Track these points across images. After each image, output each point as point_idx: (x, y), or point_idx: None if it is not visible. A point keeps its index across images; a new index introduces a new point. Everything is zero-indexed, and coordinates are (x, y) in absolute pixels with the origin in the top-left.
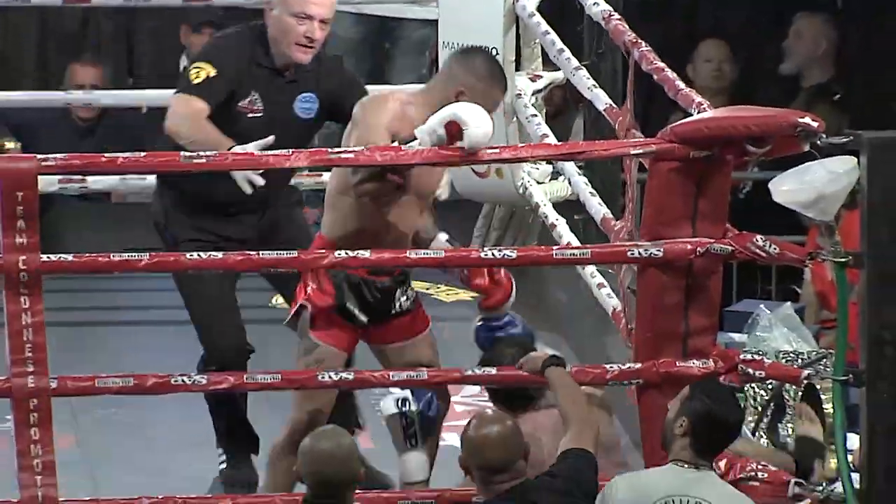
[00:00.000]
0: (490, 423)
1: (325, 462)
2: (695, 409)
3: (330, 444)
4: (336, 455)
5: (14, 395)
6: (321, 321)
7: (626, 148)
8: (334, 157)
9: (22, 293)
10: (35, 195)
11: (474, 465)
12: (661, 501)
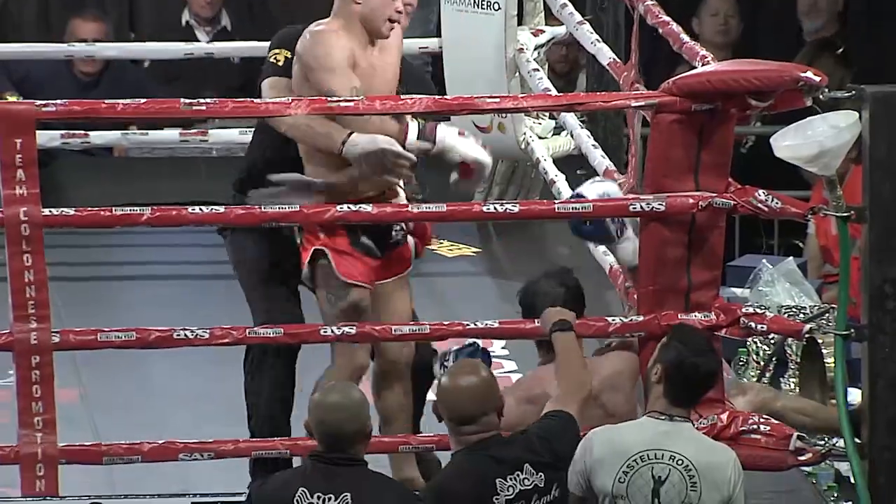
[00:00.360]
0: (465, 373)
1: (334, 414)
2: (668, 356)
3: (339, 397)
4: (345, 407)
5: (16, 350)
6: (345, 262)
7: (628, 100)
8: (334, 106)
9: (24, 247)
10: (33, 142)
11: (445, 414)
12: (636, 456)
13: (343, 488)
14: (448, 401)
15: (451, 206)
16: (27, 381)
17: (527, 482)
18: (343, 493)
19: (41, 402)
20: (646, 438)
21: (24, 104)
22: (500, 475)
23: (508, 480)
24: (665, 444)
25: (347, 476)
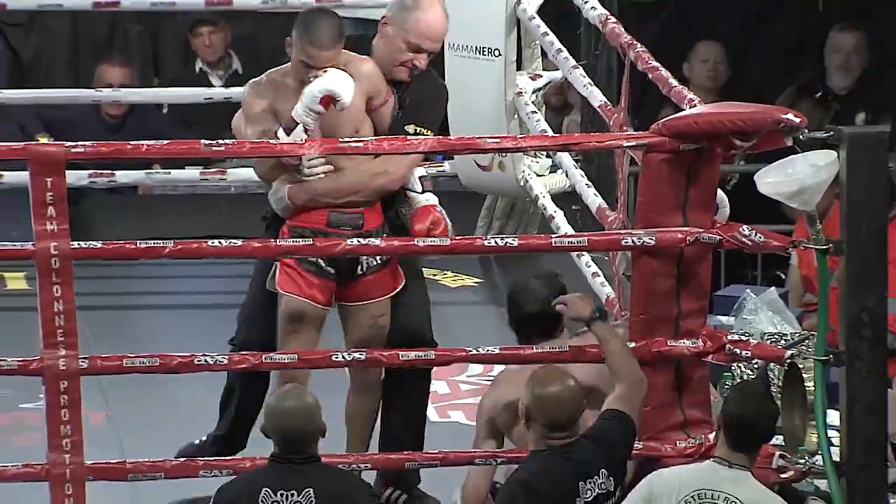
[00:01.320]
0: (559, 380)
1: (291, 418)
2: (726, 410)
3: (294, 402)
4: (301, 411)
5: (46, 375)
6: (286, 275)
7: (620, 140)
8: (345, 146)
9: (54, 278)
10: (63, 181)
11: (539, 419)
12: (693, 493)
13: (305, 484)
14: (546, 409)
15: (455, 240)
16: (56, 405)
17: (602, 486)
18: (305, 489)
19: (69, 424)
20: (704, 478)
21: (55, 145)
22: (581, 479)
23: (588, 484)
24: (722, 486)
25: (307, 473)
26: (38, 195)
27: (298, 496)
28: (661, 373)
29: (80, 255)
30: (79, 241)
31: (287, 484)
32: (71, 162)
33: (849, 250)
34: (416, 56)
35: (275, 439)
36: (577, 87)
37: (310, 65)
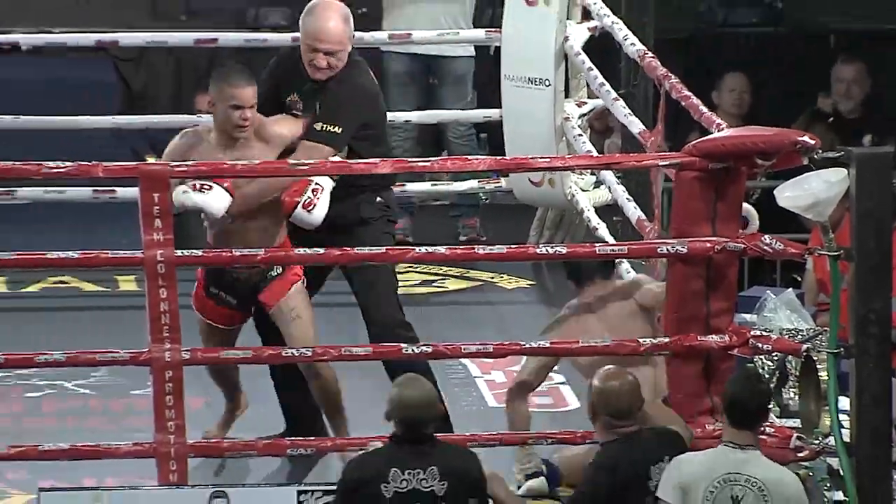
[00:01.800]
0: (618, 376)
1: (416, 406)
2: (724, 395)
3: (417, 391)
4: (424, 399)
5: (153, 366)
6: (198, 301)
7: (656, 160)
8: (413, 164)
9: (160, 282)
10: (168, 197)
11: (603, 411)
12: (719, 478)
13: (429, 462)
14: (607, 401)
15: (511, 248)
16: (162, 392)
17: (420, 479)
18: (430, 467)
19: (173, 409)
20: (723, 463)
21: (160, 165)
22: (651, 463)
23: (656, 468)
24: (741, 469)
25: (430, 452)
26: (147, 209)
27: (424, 474)
28: (692, 364)
29: (183, 262)
30: (182, 249)
31: (413, 463)
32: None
33: (858, 256)
34: (314, 56)
35: (399, 424)
36: (617, 114)
37: (239, 105)
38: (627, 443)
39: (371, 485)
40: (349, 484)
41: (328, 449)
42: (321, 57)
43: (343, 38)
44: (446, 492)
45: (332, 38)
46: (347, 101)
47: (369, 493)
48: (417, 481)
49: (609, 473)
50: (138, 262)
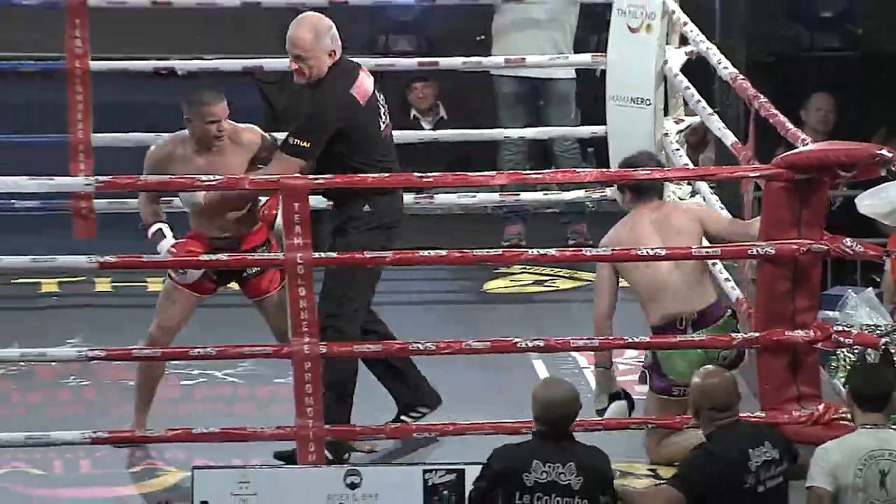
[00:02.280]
0: (716, 373)
1: (561, 405)
2: (853, 386)
3: (562, 392)
4: (568, 399)
5: (294, 358)
6: None
7: (747, 171)
8: (528, 177)
9: (300, 282)
10: (307, 206)
11: (706, 406)
12: (865, 456)
13: (568, 458)
14: (710, 395)
15: (616, 251)
16: (302, 381)
17: (768, 454)
18: (568, 462)
19: (312, 396)
20: (865, 443)
21: (301, 179)
22: (751, 445)
23: (756, 450)
24: (883, 445)
25: (568, 448)
26: (288, 217)
27: (563, 468)
28: (779, 357)
29: (320, 263)
30: (319, 251)
31: (553, 457)
32: (313, 191)
33: None
34: (290, 60)
35: (543, 421)
36: (712, 130)
37: (214, 121)
38: (729, 431)
39: (515, 472)
40: (496, 469)
41: (450, 433)
42: (292, 60)
43: (309, 47)
44: (581, 486)
45: (298, 44)
46: (316, 114)
47: (513, 480)
48: (556, 474)
49: (706, 454)
50: (280, 264)
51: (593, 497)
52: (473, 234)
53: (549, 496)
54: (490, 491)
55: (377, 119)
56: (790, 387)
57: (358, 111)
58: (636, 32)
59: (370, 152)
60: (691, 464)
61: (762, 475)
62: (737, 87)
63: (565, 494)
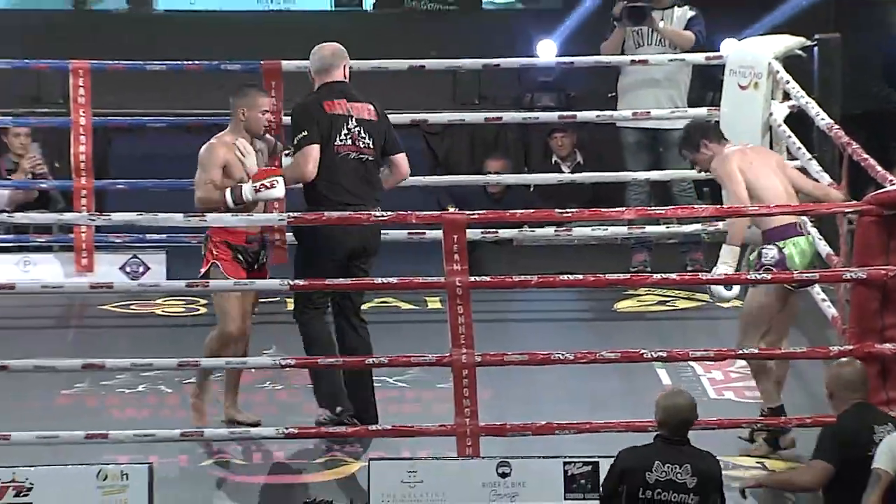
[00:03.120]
0: (849, 363)
1: (684, 412)
2: None
3: (684, 400)
4: (690, 406)
5: (454, 366)
6: (228, 266)
7: (843, 208)
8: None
9: (458, 301)
10: (464, 237)
11: (838, 389)
12: None
13: (685, 460)
14: (843, 379)
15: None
16: (460, 386)
17: (676, 473)
18: (685, 464)
19: (469, 398)
20: None
21: (460, 214)
22: (877, 423)
23: (880, 427)
24: None
25: (685, 452)
26: (448, 246)
27: (679, 469)
28: (871, 366)
29: (476, 286)
30: (475, 276)
31: (672, 459)
32: (470, 224)
33: None
34: None
35: (665, 425)
36: (811, 171)
37: (266, 110)
38: (857, 409)
39: (639, 470)
40: (622, 468)
41: (586, 430)
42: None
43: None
44: (695, 485)
45: None
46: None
47: (637, 477)
48: (674, 474)
49: (835, 430)
50: (442, 286)
51: (705, 495)
52: (605, 261)
53: (667, 492)
54: (617, 486)
55: (336, 133)
56: (880, 392)
57: (320, 114)
58: (745, 89)
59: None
60: (829, 438)
61: (659, 492)
62: (833, 136)
63: (681, 491)
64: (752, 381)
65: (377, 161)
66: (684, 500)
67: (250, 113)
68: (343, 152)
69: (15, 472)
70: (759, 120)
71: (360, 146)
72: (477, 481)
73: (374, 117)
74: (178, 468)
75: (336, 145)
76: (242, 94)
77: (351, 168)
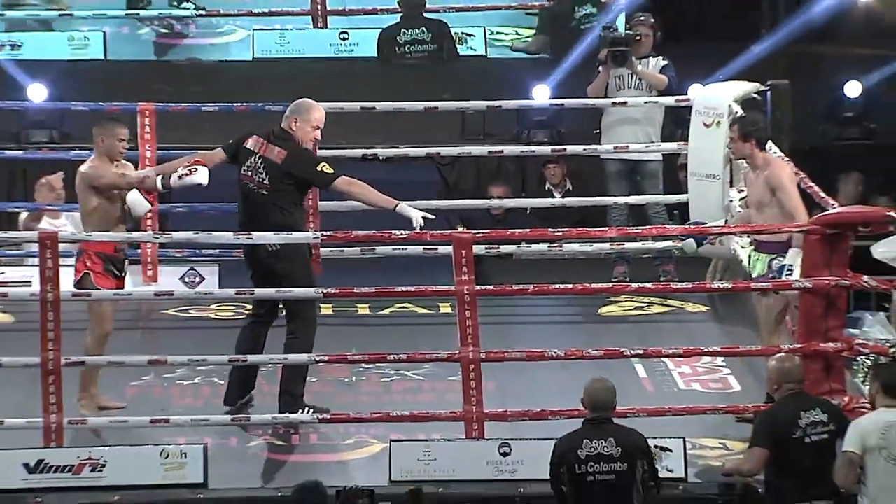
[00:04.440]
0: (788, 359)
1: (603, 394)
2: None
3: (602, 385)
4: (608, 389)
5: (461, 362)
6: (100, 277)
7: (792, 227)
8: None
9: (465, 307)
10: (471, 252)
11: (778, 382)
12: (885, 427)
13: (609, 435)
14: (782, 373)
15: (694, 284)
16: (468, 378)
17: (816, 417)
18: (609, 438)
19: (475, 389)
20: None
21: (467, 233)
22: (802, 409)
23: (807, 413)
24: None
25: (609, 429)
26: (458, 260)
27: (605, 443)
28: (815, 362)
29: (481, 294)
30: (480, 285)
31: (598, 436)
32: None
33: None
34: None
35: (590, 408)
36: None
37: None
38: (790, 397)
39: (571, 450)
40: (558, 453)
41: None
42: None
43: None
44: (621, 455)
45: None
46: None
47: (570, 455)
48: (601, 448)
49: (771, 416)
50: (452, 294)
51: (632, 462)
52: (591, 273)
53: (598, 464)
54: (559, 468)
55: None
56: (823, 384)
57: None
58: (709, 127)
59: None
60: (760, 424)
61: (809, 431)
62: None
63: (609, 461)
64: (716, 375)
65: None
66: (613, 469)
67: (107, 141)
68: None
69: (91, 451)
70: (720, 153)
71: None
72: (482, 459)
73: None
74: (229, 448)
75: None
76: (101, 124)
77: None
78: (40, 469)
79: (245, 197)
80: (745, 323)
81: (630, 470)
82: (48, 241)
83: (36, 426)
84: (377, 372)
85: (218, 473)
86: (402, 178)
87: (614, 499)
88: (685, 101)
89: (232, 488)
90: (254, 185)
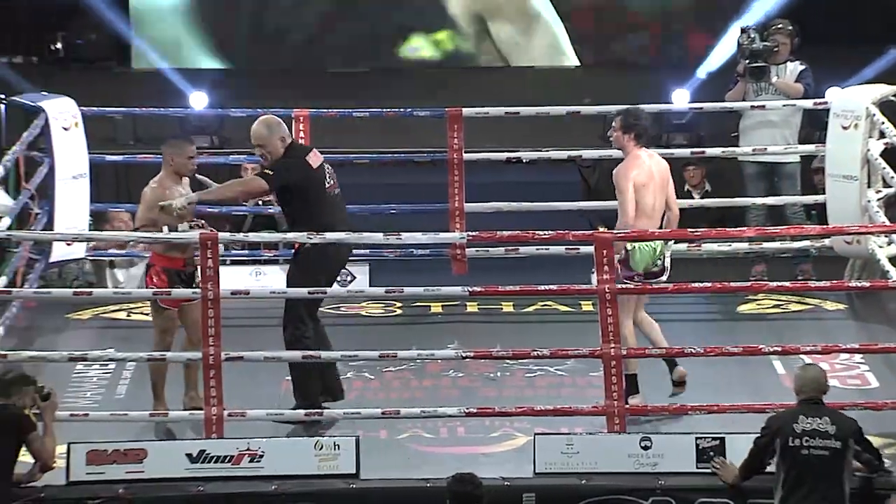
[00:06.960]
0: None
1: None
2: None
3: (816, 372)
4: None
5: (603, 358)
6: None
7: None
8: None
9: (607, 305)
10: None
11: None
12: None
13: (825, 414)
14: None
15: (833, 283)
16: (609, 374)
17: (820, 426)
18: (825, 416)
19: (616, 384)
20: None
21: (608, 233)
22: (807, 415)
23: (810, 419)
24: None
25: (824, 409)
26: (600, 259)
27: (821, 420)
28: None
29: (622, 292)
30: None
31: (813, 414)
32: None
33: None
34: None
35: (805, 391)
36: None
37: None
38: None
39: (787, 424)
40: (775, 424)
41: (715, 411)
42: (256, 149)
43: (261, 138)
44: (836, 432)
45: (256, 136)
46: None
47: (786, 429)
48: (817, 424)
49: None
50: (593, 292)
51: (845, 440)
52: (730, 271)
53: (813, 439)
54: (770, 443)
55: (324, 180)
56: None
57: (309, 172)
58: (847, 129)
59: (321, 203)
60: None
61: (806, 439)
62: None
63: (825, 438)
64: (854, 371)
65: None
66: (828, 445)
67: (178, 159)
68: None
69: (249, 442)
70: (858, 154)
71: (334, 182)
72: (623, 452)
73: None
74: (379, 440)
75: (327, 189)
76: (172, 143)
77: (340, 202)
78: (202, 459)
79: (332, 202)
80: (884, 320)
81: (843, 449)
82: (209, 241)
83: (197, 418)
84: (521, 367)
85: (369, 464)
86: (545, 180)
87: (827, 474)
88: (823, 104)
89: (383, 479)
90: (338, 191)
